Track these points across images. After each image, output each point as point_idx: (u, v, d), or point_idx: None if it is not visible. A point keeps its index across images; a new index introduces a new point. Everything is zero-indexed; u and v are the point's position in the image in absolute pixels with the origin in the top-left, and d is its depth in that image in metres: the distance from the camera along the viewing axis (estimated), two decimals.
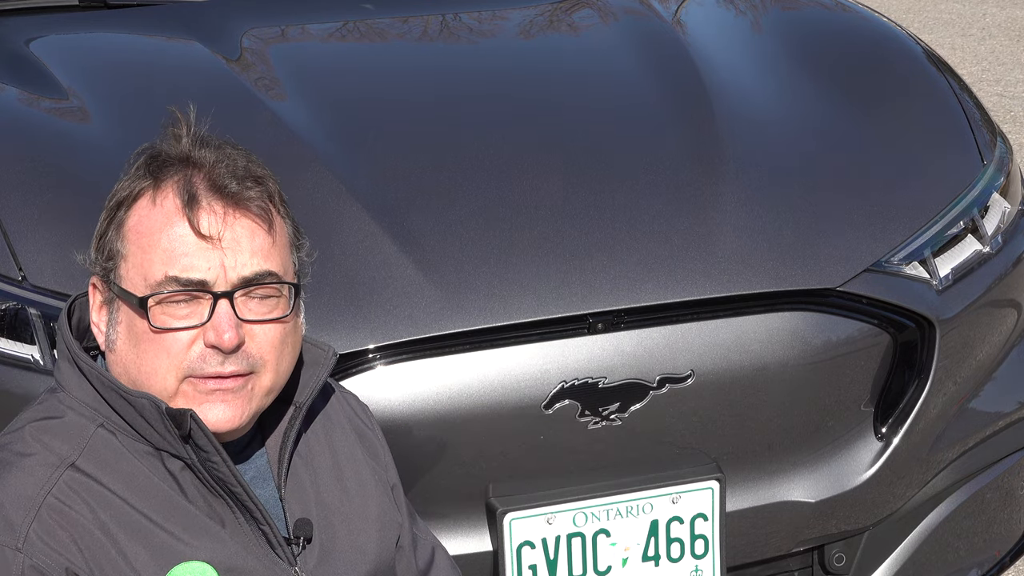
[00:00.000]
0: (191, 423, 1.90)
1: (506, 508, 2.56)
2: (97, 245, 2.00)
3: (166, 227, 1.94)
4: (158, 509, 1.93)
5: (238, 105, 3.01)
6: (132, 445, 1.95)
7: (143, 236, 1.95)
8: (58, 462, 1.92)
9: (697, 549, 2.66)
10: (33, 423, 1.97)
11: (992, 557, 3.11)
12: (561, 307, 2.59)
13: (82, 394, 1.97)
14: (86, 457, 1.93)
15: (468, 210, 2.73)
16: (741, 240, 2.73)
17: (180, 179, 1.96)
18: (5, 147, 2.86)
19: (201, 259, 1.93)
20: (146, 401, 1.92)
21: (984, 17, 10.59)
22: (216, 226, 1.94)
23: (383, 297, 2.56)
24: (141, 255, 1.95)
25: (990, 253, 2.97)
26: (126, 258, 1.96)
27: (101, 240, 2.00)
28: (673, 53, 3.28)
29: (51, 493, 1.89)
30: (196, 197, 1.94)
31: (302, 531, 2.03)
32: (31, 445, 1.94)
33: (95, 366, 1.97)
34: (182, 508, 1.94)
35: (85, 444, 1.94)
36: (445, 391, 2.50)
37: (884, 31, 3.52)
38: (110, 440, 1.95)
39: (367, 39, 3.55)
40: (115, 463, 1.94)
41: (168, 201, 1.95)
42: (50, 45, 3.38)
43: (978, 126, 3.22)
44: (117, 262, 1.97)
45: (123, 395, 1.93)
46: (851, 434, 2.78)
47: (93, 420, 1.96)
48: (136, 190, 1.98)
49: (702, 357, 2.62)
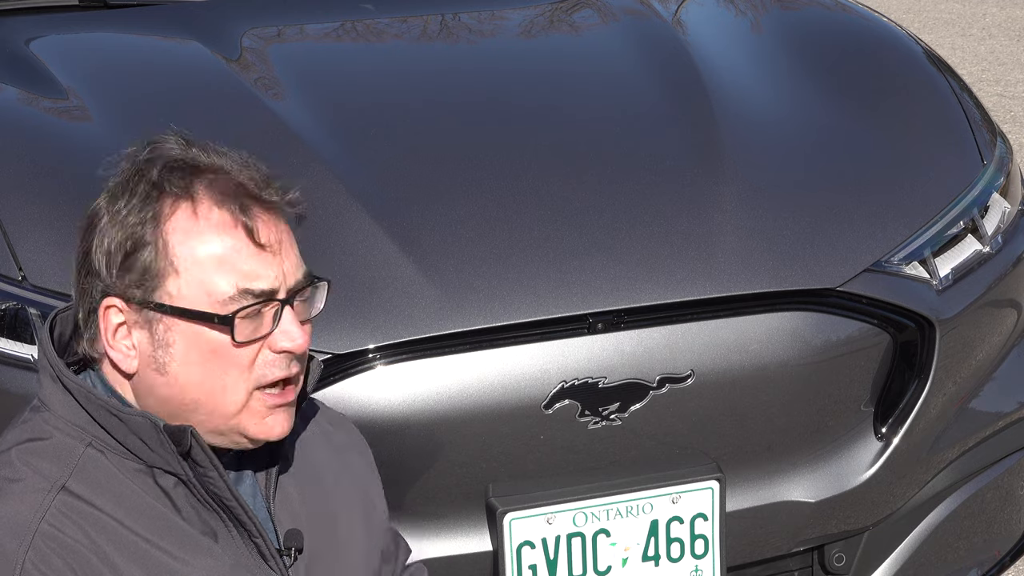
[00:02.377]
0: (191, 440, 1.88)
1: (506, 508, 2.56)
2: (120, 264, 1.91)
3: (221, 238, 1.89)
4: (152, 528, 1.90)
5: (238, 105, 3.02)
6: (121, 463, 1.91)
7: (196, 250, 1.89)
8: (48, 486, 1.87)
9: (697, 549, 2.66)
10: (19, 445, 1.91)
11: (992, 557, 3.11)
12: (561, 307, 2.59)
13: (68, 413, 1.92)
14: (76, 479, 1.88)
15: (468, 210, 2.73)
16: (741, 240, 2.73)
17: (215, 189, 1.91)
18: (5, 147, 2.86)
19: (264, 268, 1.90)
20: (140, 418, 1.88)
21: (984, 17, 10.59)
22: (268, 234, 1.91)
23: (383, 297, 2.56)
24: (199, 270, 1.89)
25: (990, 253, 2.97)
26: (178, 275, 1.89)
27: (128, 259, 1.91)
28: (673, 53, 3.28)
29: (44, 519, 1.85)
30: (246, 207, 1.90)
31: (293, 542, 2.02)
32: (19, 469, 1.89)
33: (83, 384, 1.92)
34: (176, 526, 1.91)
35: (75, 465, 1.89)
36: (445, 391, 2.50)
37: (884, 31, 3.52)
38: (99, 460, 1.90)
39: (367, 39, 3.55)
40: (106, 483, 1.90)
41: (214, 213, 1.90)
42: (50, 45, 3.38)
43: (978, 126, 3.22)
44: (161, 280, 1.89)
45: (115, 413, 1.89)
46: (851, 434, 2.78)
47: (81, 440, 1.91)
48: (168, 203, 1.91)
49: (702, 357, 2.62)
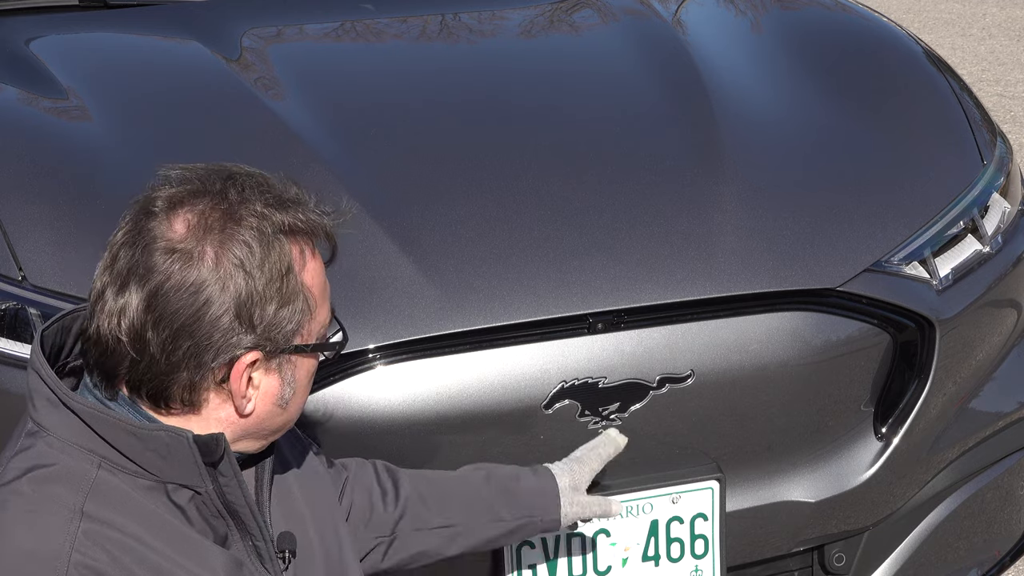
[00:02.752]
0: (225, 446, 1.88)
1: None
2: (269, 321, 1.89)
3: (321, 271, 1.96)
4: (172, 545, 1.88)
5: (238, 105, 3.02)
6: (133, 482, 1.88)
7: (318, 288, 1.94)
8: (70, 514, 1.84)
9: (697, 549, 2.66)
10: (28, 474, 1.86)
11: (992, 557, 3.11)
12: (561, 307, 2.59)
13: (72, 435, 1.88)
14: (93, 501, 1.85)
15: (468, 210, 2.73)
16: (741, 240, 2.73)
17: (305, 227, 1.94)
18: (5, 147, 2.86)
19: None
20: (164, 433, 1.86)
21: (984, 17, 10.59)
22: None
23: (383, 297, 2.56)
24: (320, 308, 1.96)
25: (990, 253, 2.97)
26: (313, 317, 1.94)
27: (264, 311, 1.87)
28: (673, 53, 3.28)
29: (75, 549, 1.81)
30: (316, 238, 1.96)
31: (286, 544, 2.02)
32: (33, 499, 1.84)
33: (91, 405, 1.88)
34: (194, 541, 1.90)
35: (89, 488, 1.86)
36: (445, 391, 2.50)
37: (884, 31, 3.52)
38: (112, 481, 1.87)
39: (367, 39, 3.55)
40: (123, 505, 1.87)
41: (315, 255, 1.95)
42: (50, 45, 3.38)
43: (978, 126, 3.21)
44: (301, 325, 1.92)
45: (133, 432, 1.86)
46: (851, 434, 2.78)
47: (91, 462, 1.87)
48: (292, 248, 1.92)
49: (702, 357, 2.62)
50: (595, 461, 2.45)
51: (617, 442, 2.48)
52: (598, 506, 2.42)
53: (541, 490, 2.38)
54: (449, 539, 2.36)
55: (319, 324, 1.95)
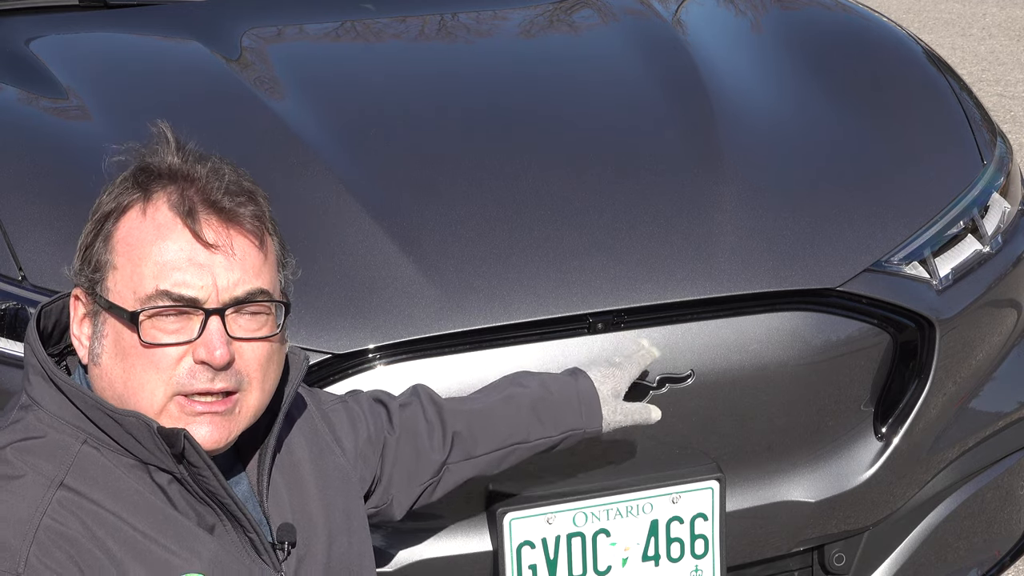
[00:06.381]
0: (185, 442, 1.88)
1: (506, 508, 2.56)
2: (82, 256, 1.96)
3: (158, 240, 1.91)
4: (150, 523, 1.90)
5: (238, 105, 3.02)
6: (117, 459, 1.92)
7: (133, 248, 1.92)
8: (48, 483, 1.88)
9: (697, 549, 2.66)
10: (14, 444, 1.91)
11: (992, 557, 3.11)
12: (561, 307, 2.59)
13: (60, 411, 1.92)
14: (74, 475, 1.89)
15: (468, 210, 2.73)
16: (741, 240, 2.73)
17: (172, 193, 1.93)
18: (5, 147, 2.86)
19: (194, 276, 1.91)
20: (135, 420, 1.89)
21: (984, 17, 10.59)
22: (212, 241, 1.91)
23: (383, 297, 2.56)
24: (131, 268, 1.91)
25: (990, 253, 2.97)
26: (115, 270, 1.92)
27: (87, 252, 1.95)
28: (673, 53, 3.28)
29: (46, 514, 1.85)
30: (192, 211, 1.91)
31: (286, 536, 2.03)
32: (17, 467, 1.89)
33: (75, 384, 1.92)
34: (173, 520, 1.92)
35: (71, 463, 1.90)
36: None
37: (884, 31, 3.52)
38: (95, 456, 1.91)
39: (367, 39, 3.55)
40: (103, 480, 1.90)
41: (160, 214, 1.92)
42: (50, 45, 3.38)
43: (978, 126, 3.21)
44: (104, 274, 1.93)
45: (108, 413, 1.90)
46: (851, 434, 2.78)
47: (76, 437, 1.91)
48: (124, 202, 1.94)
49: (702, 357, 2.62)
50: (633, 367, 2.51)
51: (652, 352, 2.54)
52: (638, 413, 2.50)
53: (584, 399, 2.45)
54: (497, 462, 2.43)
55: (125, 285, 1.91)
